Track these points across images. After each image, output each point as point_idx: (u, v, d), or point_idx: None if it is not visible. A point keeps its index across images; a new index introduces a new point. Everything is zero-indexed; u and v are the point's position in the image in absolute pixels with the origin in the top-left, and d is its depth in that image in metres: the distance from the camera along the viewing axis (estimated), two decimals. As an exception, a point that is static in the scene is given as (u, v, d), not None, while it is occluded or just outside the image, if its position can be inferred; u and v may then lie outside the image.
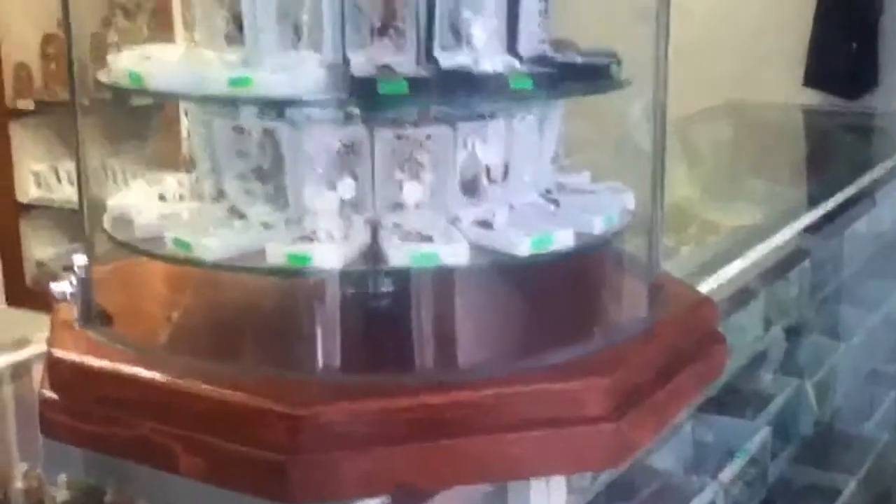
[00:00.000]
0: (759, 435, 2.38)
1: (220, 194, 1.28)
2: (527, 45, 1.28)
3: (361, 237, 1.18)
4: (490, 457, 1.10)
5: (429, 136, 1.21)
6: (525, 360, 1.16)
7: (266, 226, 1.18)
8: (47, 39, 4.46)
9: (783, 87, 3.79)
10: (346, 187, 1.19)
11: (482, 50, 1.22)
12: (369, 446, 1.07)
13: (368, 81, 1.12)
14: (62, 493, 1.30)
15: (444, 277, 1.20)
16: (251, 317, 1.28)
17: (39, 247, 4.66)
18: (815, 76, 3.83)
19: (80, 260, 1.29)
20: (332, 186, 1.19)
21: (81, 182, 1.31)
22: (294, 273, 1.15)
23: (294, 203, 1.20)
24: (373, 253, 1.16)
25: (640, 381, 1.19)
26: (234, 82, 1.12)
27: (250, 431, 1.07)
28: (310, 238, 1.15)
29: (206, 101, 1.21)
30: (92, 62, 1.40)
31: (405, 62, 1.18)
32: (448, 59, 1.20)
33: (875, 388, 2.96)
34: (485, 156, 1.26)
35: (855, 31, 3.79)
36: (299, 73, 1.13)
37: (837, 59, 3.76)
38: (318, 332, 1.19)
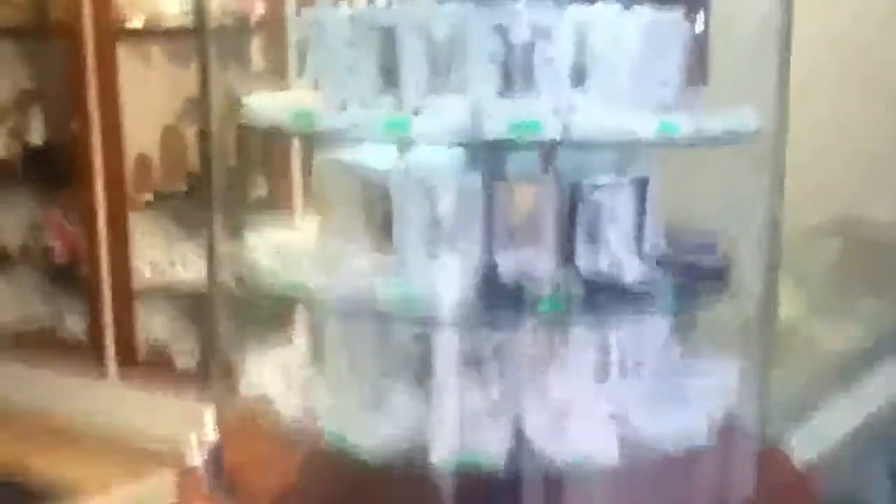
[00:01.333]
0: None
1: (349, 375, 1.34)
2: (650, 243, 1.36)
3: (509, 434, 1.24)
4: None
5: (571, 337, 1.29)
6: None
7: (414, 420, 1.25)
8: (167, 131, 4.63)
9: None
10: (495, 384, 1.26)
11: (617, 253, 1.30)
12: None
13: (531, 298, 1.20)
14: None
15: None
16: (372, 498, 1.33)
17: (152, 327, 4.82)
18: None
19: (210, 435, 1.37)
20: (482, 383, 1.26)
21: (214, 361, 1.39)
22: (460, 471, 1.21)
23: (441, 397, 1.26)
24: (527, 452, 1.23)
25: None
26: (400, 299, 1.19)
27: None
28: (459, 433, 1.22)
29: (375, 315, 1.26)
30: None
31: (546, 267, 1.26)
32: (587, 265, 1.28)
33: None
34: (618, 350, 1.34)
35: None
36: (460, 289, 1.20)
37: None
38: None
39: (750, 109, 1.32)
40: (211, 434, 1.37)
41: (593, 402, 1.30)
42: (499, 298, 1.22)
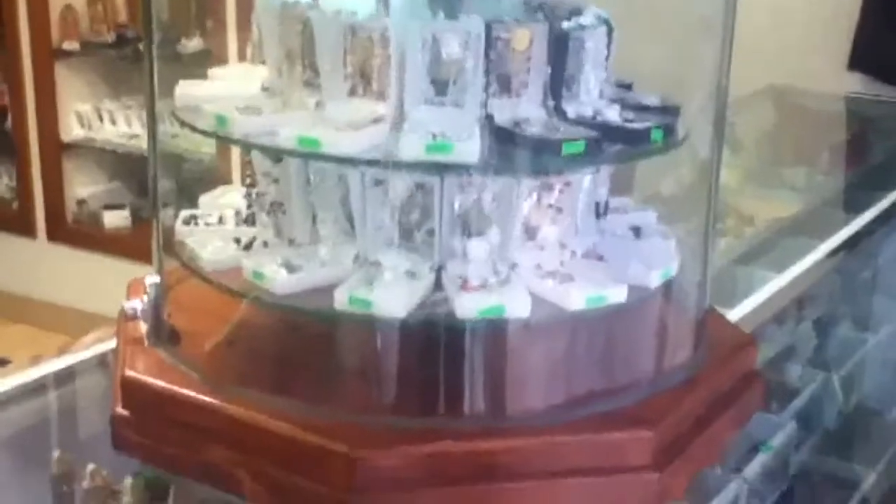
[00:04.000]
0: (784, 430, 2.42)
1: (314, 238, 1.32)
2: (608, 89, 1.37)
3: (516, 282, 1.24)
4: (537, 502, 1.17)
5: (568, 183, 1.29)
6: (573, 410, 1.22)
7: (412, 275, 1.24)
8: (94, -19, 4.49)
9: (829, 71, 3.78)
10: (495, 235, 1.26)
11: (594, 99, 1.32)
12: (422, 489, 1.15)
13: (552, 143, 1.19)
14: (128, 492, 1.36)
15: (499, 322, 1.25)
16: (316, 353, 1.31)
17: (80, 185, 4.75)
18: (861, 60, 3.81)
19: (152, 280, 1.35)
20: (480, 235, 1.25)
21: (156, 207, 1.36)
22: (487, 325, 1.22)
23: (441, 252, 1.26)
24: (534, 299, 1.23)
25: (681, 431, 1.25)
26: (431, 149, 1.16)
27: (312, 468, 1.15)
28: (468, 287, 1.22)
29: (394, 167, 1.22)
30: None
31: (537, 116, 1.26)
32: (573, 111, 1.28)
33: (902, 380, 2.99)
34: (599, 194, 1.36)
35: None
36: (474, 140, 1.18)
37: (884, 42, 3.74)
38: (383, 375, 1.25)
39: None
40: (150, 283, 1.35)
41: (583, 243, 1.32)
42: (502, 145, 1.20)
